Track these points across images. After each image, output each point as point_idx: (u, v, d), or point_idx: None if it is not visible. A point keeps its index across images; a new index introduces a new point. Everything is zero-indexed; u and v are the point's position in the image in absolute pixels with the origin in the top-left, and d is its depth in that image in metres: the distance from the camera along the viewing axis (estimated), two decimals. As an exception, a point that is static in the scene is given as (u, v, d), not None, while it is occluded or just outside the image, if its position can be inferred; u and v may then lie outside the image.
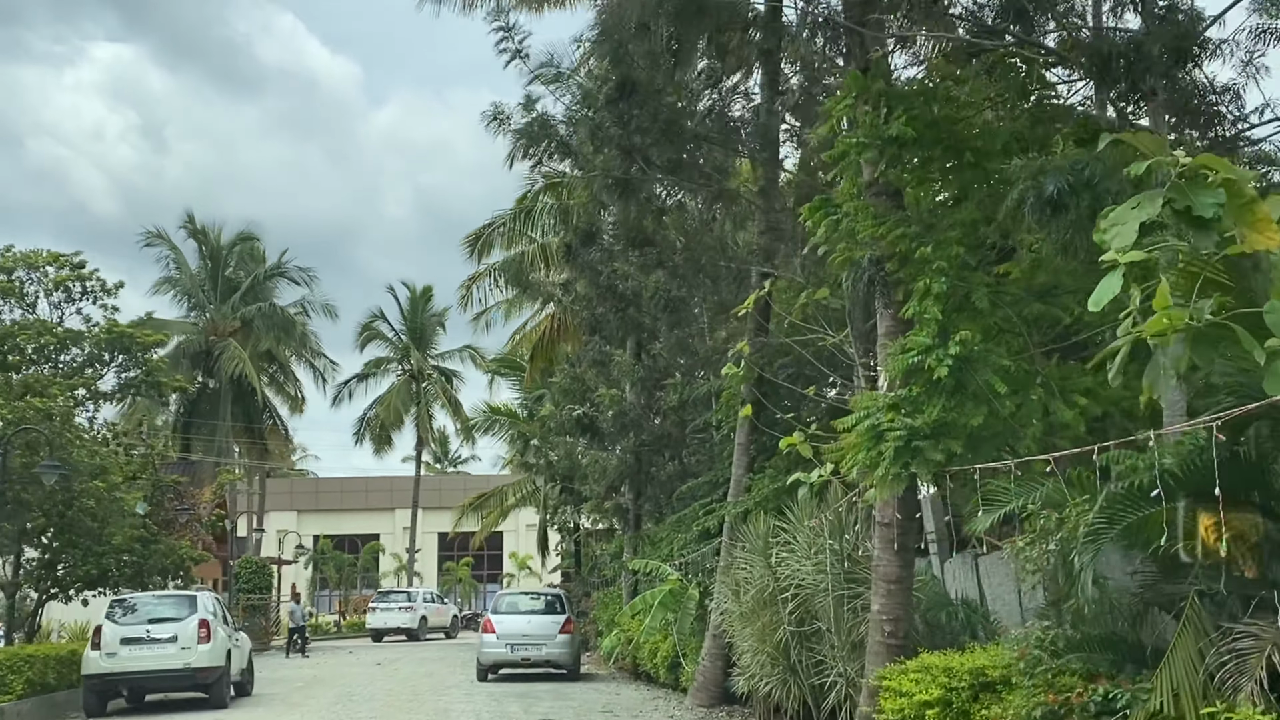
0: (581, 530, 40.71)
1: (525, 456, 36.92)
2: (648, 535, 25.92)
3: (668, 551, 22.98)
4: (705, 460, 24.61)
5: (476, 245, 36.75)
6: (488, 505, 46.29)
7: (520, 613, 25.80)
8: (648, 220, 17.65)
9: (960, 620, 11.60)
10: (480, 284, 35.71)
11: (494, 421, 43.25)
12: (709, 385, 22.56)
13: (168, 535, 27.92)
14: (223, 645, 20.26)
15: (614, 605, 30.11)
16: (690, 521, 23.10)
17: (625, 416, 24.15)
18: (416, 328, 60.80)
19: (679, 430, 24.51)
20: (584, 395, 25.11)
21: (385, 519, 73.53)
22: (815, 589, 13.01)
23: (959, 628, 11.72)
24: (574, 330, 32.45)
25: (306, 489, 77.44)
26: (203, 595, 20.68)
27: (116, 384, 27.70)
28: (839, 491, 12.80)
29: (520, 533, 66.27)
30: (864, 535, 12.41)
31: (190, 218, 51.53)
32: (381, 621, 48.36)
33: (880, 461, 9.25)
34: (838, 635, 12.60)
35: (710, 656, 18.94)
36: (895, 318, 10.61)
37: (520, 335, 37.73)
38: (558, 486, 37.87)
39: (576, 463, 31.07)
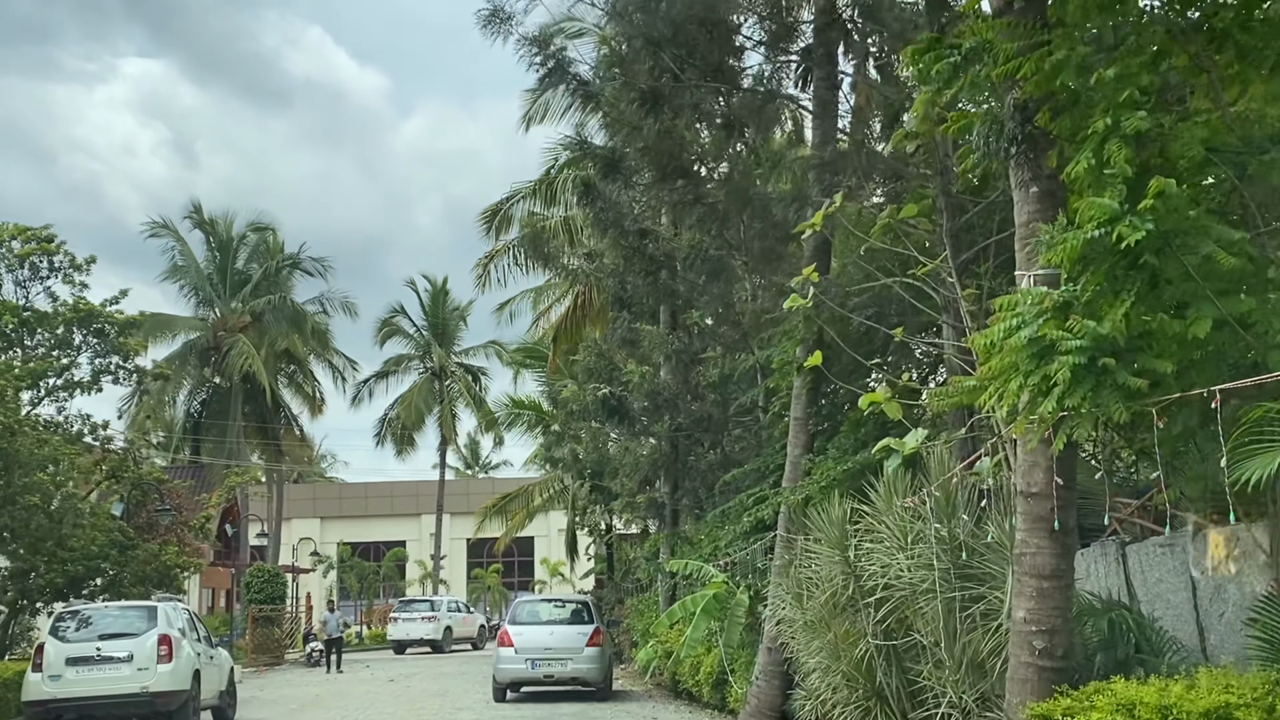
0: (613, 531, 37.52)
1: (551, 451, 33.75)
2: (686, 533, 22.69)
3: (710, 550, 19.77)
4: (751, 446, 21.39)
5: (494, 221, 33.70)
6: (513, 507, 43.15)
7: (542, 623, 22.62)
8: (682, 136, 14.45)
9: (1126, 632, 8.29)
10: (498, 262, 32.60)
11: (518, 417, 40.11)
12: (755, 358, 19.32)
13: (149, 540, 24.98)
14: (188, 665, 17.21)
15: (650, 613, 26.89)
16: (736, 515, 19.88)
17: (658, 396, 20.95)
18: (438, 323, 57.82)
19: (720, 412, 21.28)
20: (611, 374, 21.95)
21: (411, 525, 70.70)
22: (914, 590, 9.77)
23: (1120, 642, 8.41)
24: (600, 310, 29.31)
25: (329, 495, 74.73)
26: (165, 606, 17.65)
27: (90, 371, 24.76)
28: (946, 460, 9.56)
29: (552, 537, 63.13)
30: (991, 515, 9.14)
31: (197, 207, 48.75)
32: (403, 632, 45.47)
33: (1049, 392, 6.01)
34: (947, 651, 9.35)
35: (765, 674, 15.73)
36: (1045, 195, 7.39)
37: (541, 314, 34.60)
38: (585, 484, 34.70)
39: (605, 454, 27.91)
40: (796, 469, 15.81)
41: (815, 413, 15.98)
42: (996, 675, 8.89)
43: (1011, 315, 6.31)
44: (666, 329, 21.50)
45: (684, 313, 21.23)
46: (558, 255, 27.76)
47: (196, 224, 48.21)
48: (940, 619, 9.30)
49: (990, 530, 9.00)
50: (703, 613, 17.35)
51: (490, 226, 33.59)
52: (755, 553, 17.75)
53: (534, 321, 37.74)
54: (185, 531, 26.02)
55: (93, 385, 25.36)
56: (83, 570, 22.46)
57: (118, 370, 25.10)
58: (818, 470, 14.70)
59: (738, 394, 20.99)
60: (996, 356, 6.51)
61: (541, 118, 31.44)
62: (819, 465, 15.02)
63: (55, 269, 24.61)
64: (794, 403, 16.01)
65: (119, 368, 25.11)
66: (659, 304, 21.33)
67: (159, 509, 25.06)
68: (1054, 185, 7.50)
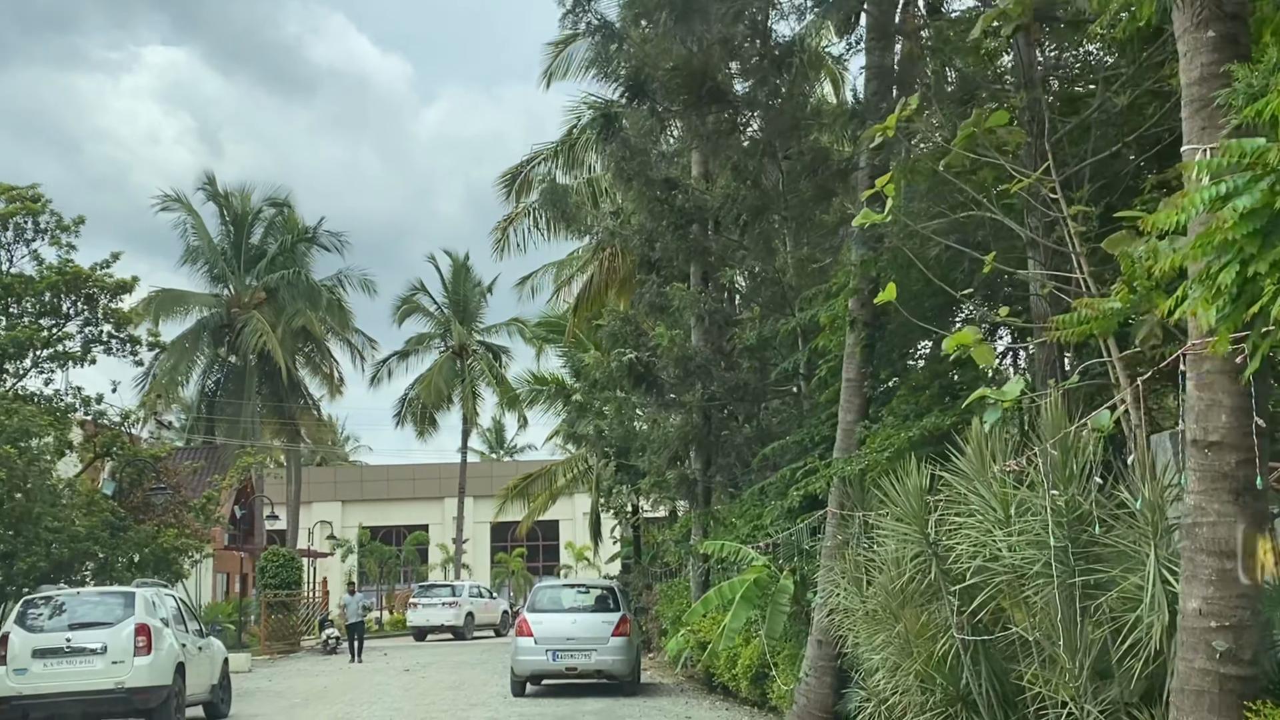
0: (640, 513, 35.67)
1: (573, 427, 31.88)
2: (720, 513, 20.81)
3: (748, 531, 17.89)
4: (791, 418, 19.47)
5: (514, 185, 31.82)
6: (535, 488, 41.35)
7: (564, 610, 20.80)
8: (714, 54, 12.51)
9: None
10: (518, 226, 30.69)
11: (539, 393, 38.24)
12: (796, 320, 17.38)
13: (143, 521, 23.34)
14: (170, 657, 15.49)
15: (680, 599, 25.07)
16: (778, 491, 18.00)
17: (689, 363, 19.03)
18: (459, 300, 55.99)
19: (758, 379, 19.35)
20: (637, 339, 20.06)
21: (434, 509, 69.17)
22: (1018, 573, 7.85)
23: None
24: (625, 278, 27.42)
25: (350, 478, 73.30)
26: (145, 592, 15.90)
27: (80, 341, 23.08)
28: (1060, 414, 7.63)
29: (577, 521, 61.46)
30: (1129, 476, 7.20)
31: (210, 179, 47.04)
32: (424, 619, 43.89)
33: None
34: (1066, 650, 7.43)
35: (815, 671, 13.87)
36: (1225, 41, 5.47)
37: (562, 285, 32.70)
38: (610, 463, 32.87)
39: (631, 430, 26.05)
40: (849, 437, 13.90)
41: (870, 374, 14.05)
42: (1134, 681, 6.99)
43: (1214, 182, 4.38)
44: (698, 289, 19.59)
45: (717, 271, 19.32)
46: (580, 216, 25.84)
47: (210, 196, 46.55)
48: (1057, 609, 7.38)
49: (1125, 496, 7.06)
50: (742, 600, 15.47)
51: (510, 190, 31.73)
52: (801, 533, 15.87)
53: (555, 293, 35.86)
54: (185, 512, 24.32)
55: (84, 356, 23.73)
56: (69, 554, 20.82)
57: (110, 340, 23.42)
58: (875, 438, 12.77)
59: (776, 360, 19.06)
60: (1189, 246, 4.59)
61: (564, 72, 29.57)
62: (877, 433, 13.10)
63: (41, 230, 22.94)
64: (846, 363, 14.09)
65: (111, 337, 23.43)
66: (689, 262, 19.42)
67: (153, 488, 23.37)
68: (1236, 29, 5.58)
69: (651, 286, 22.63)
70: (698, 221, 18.77)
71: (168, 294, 45.16)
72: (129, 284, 22.52)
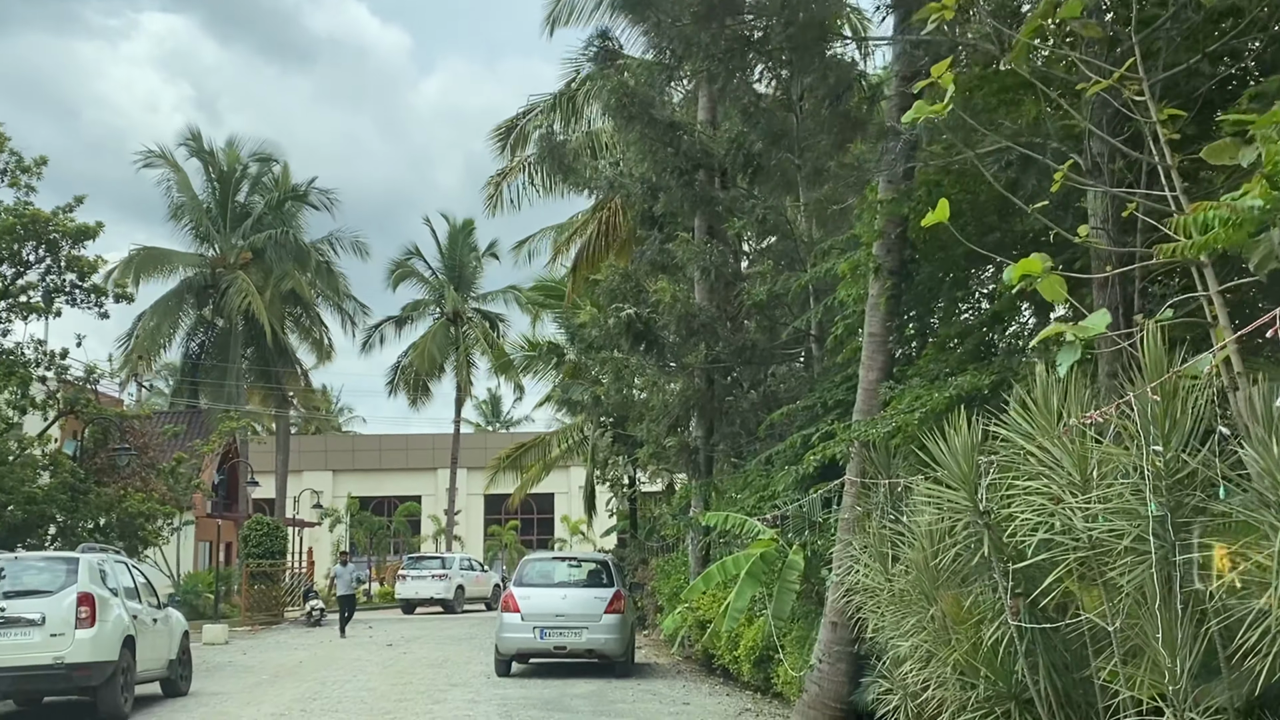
0: (636, 485, 34.31)
1: (568, 393, 30.43)
2: (722, 484, 19.40)
3: (754, 502, 16.47)
4: (803, 382, 18.03)
5: (509, 139, 30.25)
6: (528, 459, 39.93)
7: (554, 585, 19.39)
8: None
9: None
10: (512, 181, 29.11)
11: (533, 360, 36.76)
12: (810, 274, 15.90)
13: (107, 484, 21.91)
14: (117, 630, 14.06)
15: (678, 575, 23.72)
16: (786, 459, 16.59)
17: (693, 321, 17.56)
18: (455, 265, 54.43)
19: (767, 340, 17.88)
20: (637, 296, 18.59)
21: (427, 480, 67.94)
22: (1099, 549, 6.41)
23: None
24: (626, 239, 25.94)
25: (342, 447, 72.02)
26: (90, 558, 14.44)
27: (43, 290, 21.58)
28: (1158, 353, 6.16)
29: (573, 494, 60.11)
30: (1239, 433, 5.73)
31: (194, 135, 45.35)
32: (412, 591, 42.54)
33: None
34: (1166, 645, 5.98)
35: (829, 657, 12.46)
36: None
37: (560, 248, 31.16)
38: (606, 432, 31.45)
39: (629, 397, 24.60)
40: (872, 398, 12.44)
41: (896, 328, 12.59)
42: (1252, 683, 5.55)
43: None
44: (703, 241, 18.08)
45: (724, 223, 17.82)
46: (579, 169, 24.35)
47: (194, 152, 44.86)
48: (1154, 593, 5.94)
49: (1247, 455, 5.60)
50: (747, 576, 14.04)
51: (504, 144, 30.15)
52: (813, 504, 14.45)
53: (553, 257, 34.32)
54: (152, 476, 22.85)
55: (48, 309, 22.23)
56: (22, 516, 19.40)
57: (73, 290, 21.90)
58: (904, 398, 11.31)
59: (786, 319, 17.60)
60: None
61: (568, 19, 27.94)
62: (904, 393, 11.63)
63: (3, 173, 21.38)
64: (868, 316, 12.61)
65: (74, 287, 21.91)
66: (694, 213, 17.91)
67: (116, 448, 21.89)
68: None
69: (654, 243, 21.17)
70: (704, 168, 17.26)
71: (149, 253, 43.61)
72: (91, 230, 20.98)
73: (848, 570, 11.91)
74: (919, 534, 9.21)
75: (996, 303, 11.33)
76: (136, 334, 43.78)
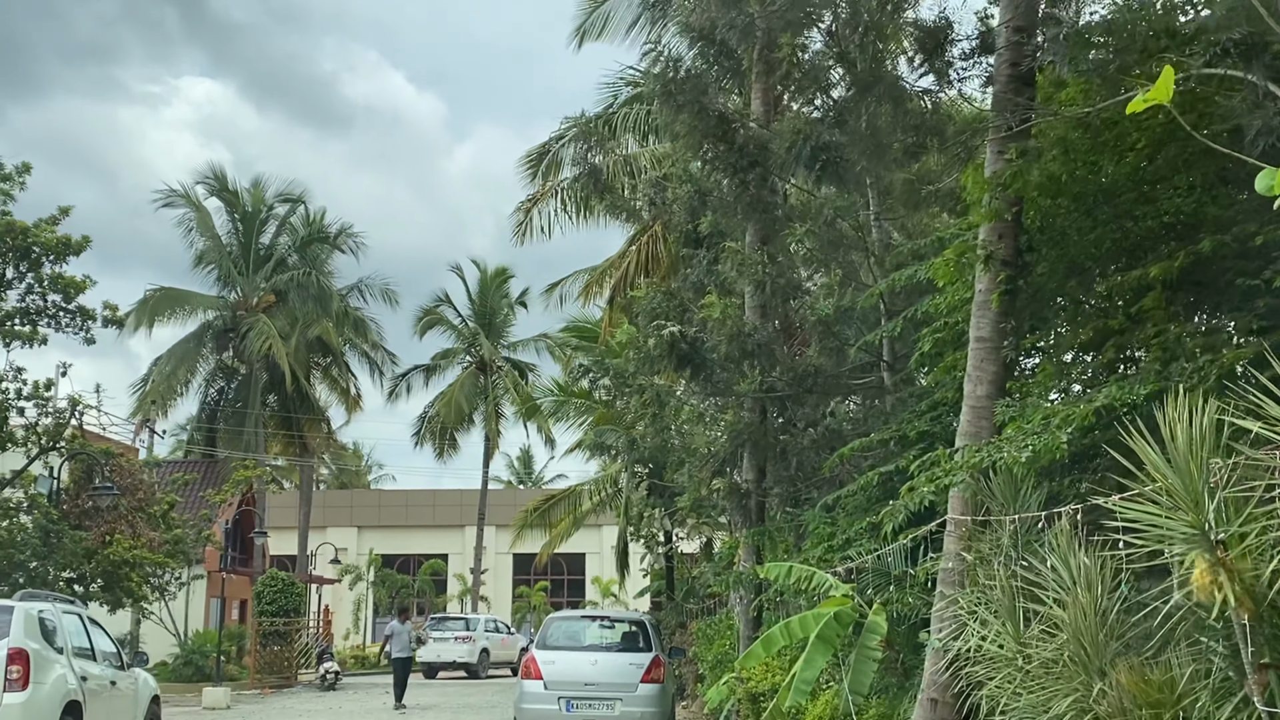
0: (674, 541, 31.73)
1: (601, 438, 28.01)
2: (778, 532, 16.87)
3: (820, 553, 13.94)
4: (875, 414, 15.56)
5: (539, 165, 28.18)
6: (558, 512, 37.43)
7: (582, 648, 16.88)
8: None
9: None
10: (543, 206, 26.95)
11: (563, 405, 34.38)
12: (893, 278, 13.51)
13: (87, 527, 19.66)
14: (57, 693, 11.68)
15: (722, 640, 21.10)
16: (857, 502, 14.10)
17: (746, 341, 15.18)
18: (486, 312, 52.32)
19: (832, 364, 15.46)
20: (681, 315, 16.29)
21: (455, 537, 65.46)
22: None
23: None
24: (668, 264, 23.74)
25: (367, 502, 69.71)
26: (28, 607, 12.10)
27: (20, 309, 19.51)
28: None
29: (604, 554, 57.47)
30: None
31: (218, 175, 43.69)
32: (434, 654, 39.92)
33: None
34: None
35: (929, 743, 9.87)
36: None
37: (592, 284, 28.93)
38: (642, 482, 28.99)
39: (667, 440, 22.18)
40: (981, 417, 9.97)
41: (1013, 330, 10.15)
42: None
43: None
44: (756, 252, 15.73)
45: (782, 230, 15.50)
46: (616, 189, 22.26)
47: (215, 191, 43.17)
48: None
49: None
50: (818, 641, 11.49)
51: (535, 172, 28.07)
52: (896, 554, 11.95)
53: (584, 292, 32.06)
54: (140, 521, 20.56)
55: (33, 336, 20.18)
56: (-16, 561, 17.21)
57: (58, 313, 19.84)
58: (1033, 416, 8.82)
59: (855, 339, 15.18)
60: None
61: (599, 32, 26.01)
62: (1030, 411, 9.13)
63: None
64: (976, 317, 10.17)
65: (60, 309, 19.85)
66: (748, 217, 15.61)
67: (95, 489, 19.59)
68: None
69: (700, 263, 18.86)
70: (760, 165, 14.97)
71: (166, 293, 41.81)
72: (76, 244, 18.93)
73: (954, 632, 9.45)
74: (1075, 581, 6.82)
75: (1149, 297, 8.91)
76: (151, 379, 41.92)
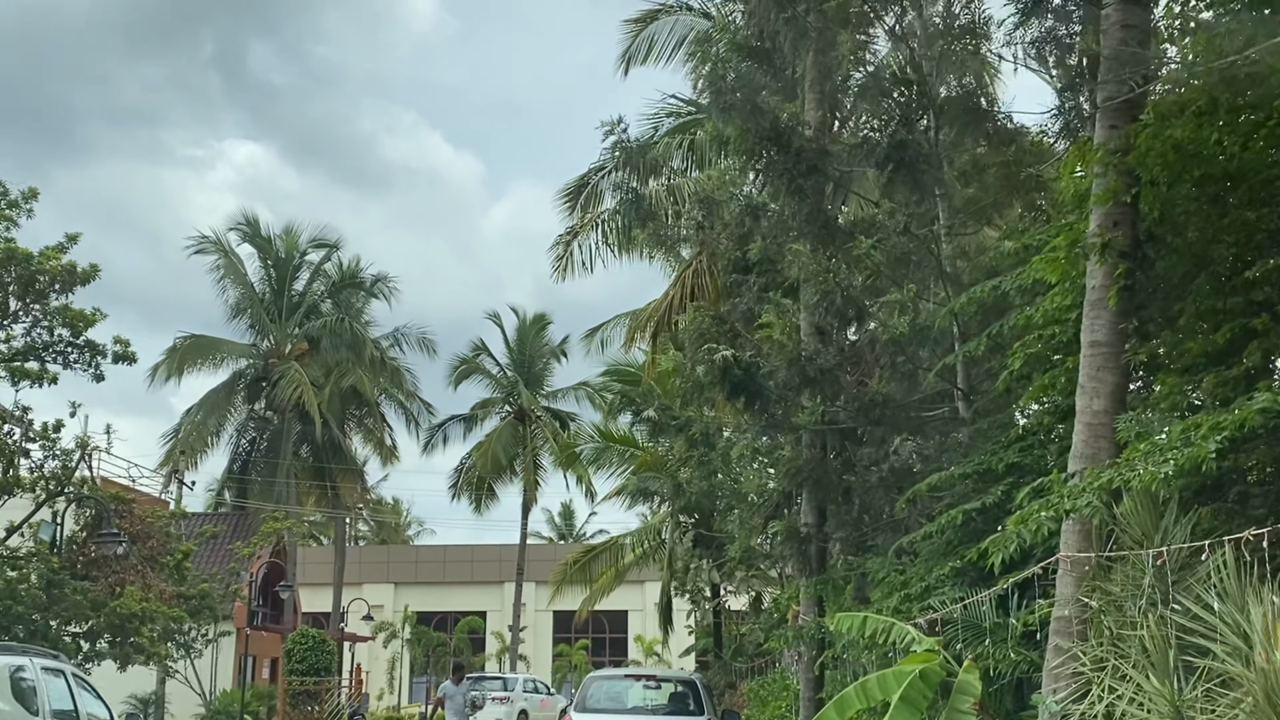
0: (721, 596, 29.96)
1: (644, 483, 26.40)
2: (843, 579, 15.15)
3: (895, 603, 12.27)
4: (951, 449, 13.90)
5: (578, 198, 26.91)
6: (598, 565, 35.71)
7: (626, 711, 15.22)
8: None
9: None
10: (583, 240, 25.58)
11: (604, 452, 32.78)
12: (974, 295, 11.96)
13: (94, 578, 18.30)
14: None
15: (778, 700, 19.36)
16: (935, 546, 12.45)
17: (806, 366, 13.63)
18: (524, 360, 50.92)
19: (904, 391, 13.85)
20: (733, 339, 14.75)
21: (494, 594, 63.62)
22: None
23: None
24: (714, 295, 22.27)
25: (405, 559, 68.12)
26: (7, 661, 10.65)
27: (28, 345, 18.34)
28: None
29: (648, 612, 55.48)
30: None
31: (250, 221, 42.82)
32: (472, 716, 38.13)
33: None
34: None
35: (1049, 831, 8.15)
36: None
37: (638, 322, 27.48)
38: (688, 532, 27.29)
39: (716, 484, 20.59)
40: (1097, 436, 8.36)
41: (1134, 332, 8.57)
42: None
43: None
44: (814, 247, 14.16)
45: (848, 242, 13.97)
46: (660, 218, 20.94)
47: (248, 238, 42.28)
48: None
49: None
50: (902, 703, 9.79)
51: (574, 205, 26.79)
52: (989, 603, 10.28)
53: (627, 337, 30.61)
54: (149, 571, 19.14)
55: (42, 374, 19.00)
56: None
57: (67, 348, 18.63)
58: (1173, 431, 7.19)
59: (930, 363, 13.57)
60: None
61: (644, 57, 24.81)
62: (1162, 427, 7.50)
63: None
64: (1089, 319, 8.58)
65: (69, 345, 18.64)
66: (807, 229, 14.11)
67: (100, 535, 18.20)
68: None
69: (750, 290, 17.37)
70: (820, 171, 13.52)
71: (196, 341, 40.81)
72: (83, 273, 17.70)
73: (1076, 693, 7.80)
74: (1263, 628, 5.23)
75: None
76: (182, 429, 40.84)
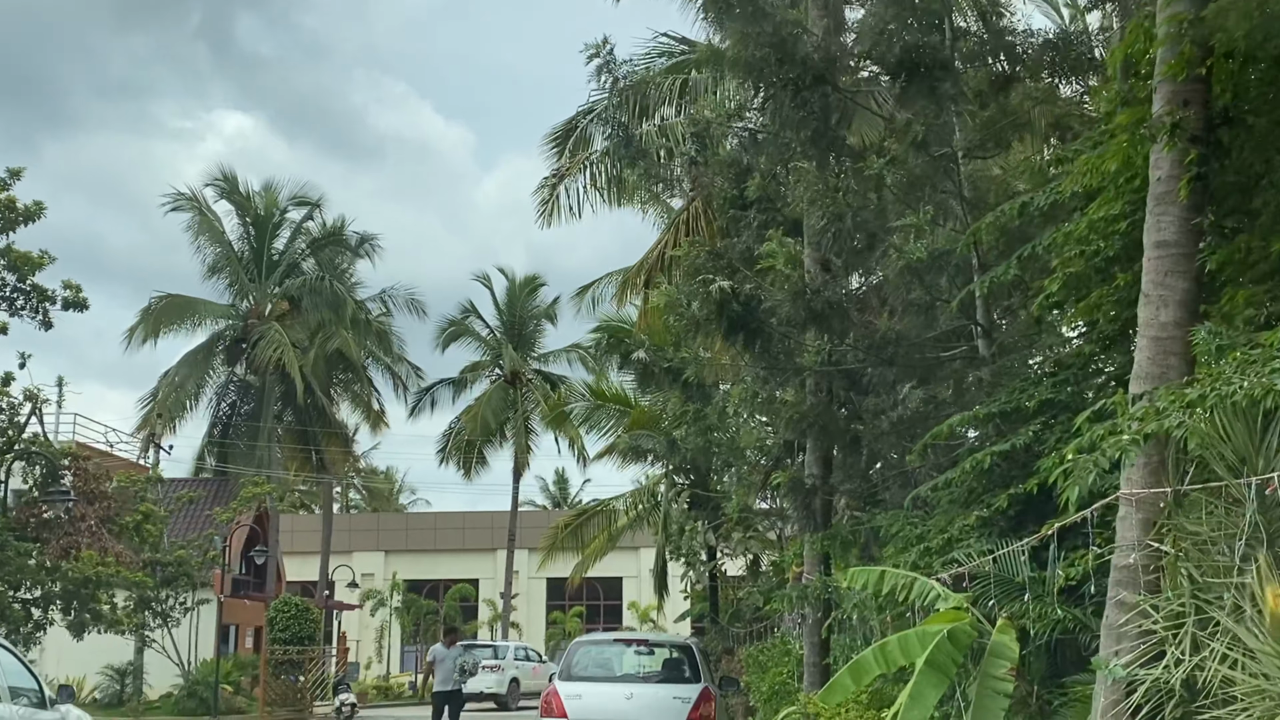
0: (717, 559, 28.78)
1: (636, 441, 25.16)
2: (852, 534, 13.90)
3: (914, 557, 11.00)
4: (974, 388, 12.63)
5: (566, 143, 25.44)
6: (590, 529, 34.53)
7: (616, 679, 13.99)
8: None
9: None
10: (571, 182, 24.12)
11: (595, 412, 31.50)
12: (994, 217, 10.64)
13: (45, 540, 17.02)
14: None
15: (779, 666, 18.15)
16: (956, 494, 11.19)
17: (812, 300, 12.34)
18: (514, 323, 49.62)
19: (922, 326, 12.56)
20: (731, 273, 13.45)
21: (486, 561, 62.59)
22: None
23: None
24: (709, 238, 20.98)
25: (395, 526, 67.09)
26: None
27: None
28: None
29: (642, 578, 54.43)
30: None
31: (227, 177, 41.28)
32: (462, 684, 37.06)
33: None
34: None
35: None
36: None
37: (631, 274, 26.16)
38: (683, 492, 26.11)
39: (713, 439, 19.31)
40: (1167, 351, 7.07)
41: (1208, 229, 7.26)
42: None
43: None
44: (818, 169, 12.83)
45: (857, 162, 12.66)
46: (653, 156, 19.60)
47: (225, 194, 40.78)
48: None
49: None
50: (928, 668, 8.54)
51: (561, 149, 25.33)
52: (1024, 554, 9.01)
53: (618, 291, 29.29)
54: (107, 533, 17.85)
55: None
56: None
57: (13, 294, 17.26)
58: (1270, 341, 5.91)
59: (950, 296, 12.27)
60: None
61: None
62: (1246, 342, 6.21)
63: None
64: (1154, 215, 7.27)
65: (15, 291, 17.28)
66: (812, 148, 12.77)
67: (49, 494, 16.87)
68: None
69: (749, 227, 16.03)
70: (828, 82, 12.15)
71: (173, 301, 39.39)
72: (24, 209, 16.32)
73: (1145, 653, 6.55)
74: None
75: None
76: (160, 392, 39.53)
